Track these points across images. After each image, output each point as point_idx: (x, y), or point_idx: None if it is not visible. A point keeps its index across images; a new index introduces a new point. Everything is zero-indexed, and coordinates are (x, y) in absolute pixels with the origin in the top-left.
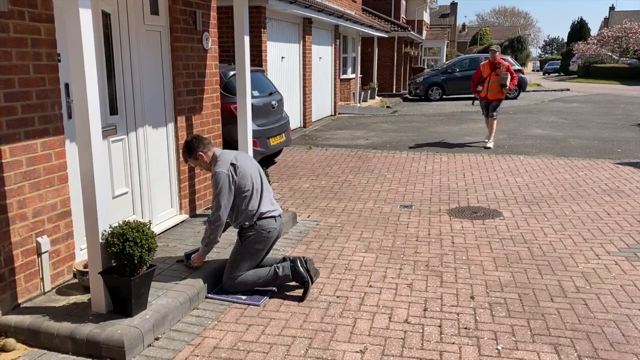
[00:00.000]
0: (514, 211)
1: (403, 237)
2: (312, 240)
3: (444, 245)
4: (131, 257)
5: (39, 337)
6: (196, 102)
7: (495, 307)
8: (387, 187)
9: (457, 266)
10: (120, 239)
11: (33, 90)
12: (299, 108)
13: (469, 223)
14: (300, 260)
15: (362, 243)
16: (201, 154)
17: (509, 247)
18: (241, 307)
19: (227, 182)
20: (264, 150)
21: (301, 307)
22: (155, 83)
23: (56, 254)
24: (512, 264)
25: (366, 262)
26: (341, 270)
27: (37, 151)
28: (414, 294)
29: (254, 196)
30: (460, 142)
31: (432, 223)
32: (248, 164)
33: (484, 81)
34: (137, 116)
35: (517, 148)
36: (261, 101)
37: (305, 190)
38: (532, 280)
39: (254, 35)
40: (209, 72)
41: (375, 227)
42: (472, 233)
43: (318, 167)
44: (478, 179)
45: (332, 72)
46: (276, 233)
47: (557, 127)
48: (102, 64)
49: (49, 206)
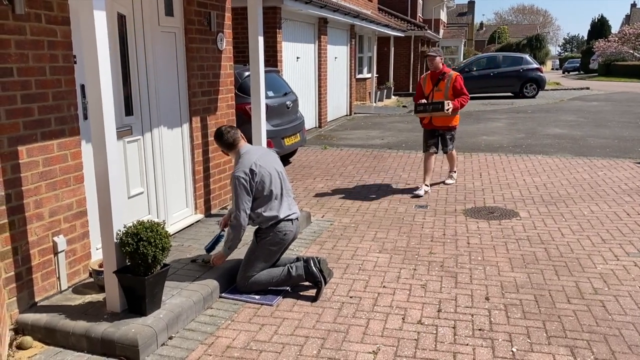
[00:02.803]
0: (531, 211)
1: (418, 237)
2: (326, 240)
3: (459, 245)
4: (145, 257)
5: (55, 335)
6: (211, 103)
7: (510, 309)
8: (402, 187)
9: (473, 267)
10: (134, 239)
11: (49, 92)
12: (314, 108)
13: (485, 223)
14: (314, 260)
15: (376, 243)
16: (224, 150)
17: (526, 248)
18: (254, 307)
19: (245, 187)
20: (278, 150)
21: (314, 307)
22: (170, 84)
23: (72, 253)
24: (528, 264)
25: (380, 262)
26: (355, 270)
27: (54, 152)
28: (428, 295)
29: (273, 201)
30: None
31: (448, 223)
32: (269, 167)
33: (426, 99)
34: (153, 117)
35: (535, 147)
36: (276, 101)
37: (320, 190)
38: (549, 281)
39: (269, 36)
40: (224, 72)
41: (390, 227)
42: (488, 233)
43: (333, 167)
44: (495, 179)
45: (348, 71)
46: (292, 235)
47: (576, 126)
48: (118, 65)
49: (65, 206)
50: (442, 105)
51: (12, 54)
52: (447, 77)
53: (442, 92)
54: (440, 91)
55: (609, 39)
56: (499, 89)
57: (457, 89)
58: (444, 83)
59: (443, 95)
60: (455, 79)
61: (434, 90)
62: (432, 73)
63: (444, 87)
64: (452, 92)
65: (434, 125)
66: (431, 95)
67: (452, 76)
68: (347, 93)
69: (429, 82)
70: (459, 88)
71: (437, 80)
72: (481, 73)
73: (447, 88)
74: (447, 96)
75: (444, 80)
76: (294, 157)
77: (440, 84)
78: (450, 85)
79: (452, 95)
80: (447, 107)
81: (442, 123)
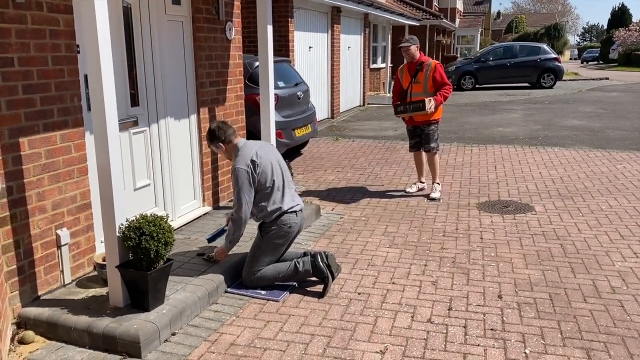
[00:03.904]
0: (546, 205)
1: (429, 232)
2: (335, 234)
3: (472, 241)
4: (147, 252)
5: (57, 330)
6: (219, 93)
7: (524, 308)
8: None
9: (485, 263)
10: (136, 233)
11: (52, 82)
12: (326, 98)
13: (499, 218)
14: (321, 255)
15: (387, 238)
16: (221, 144)
17: (541, 244)
18: (260, 303)
19: (247, 179)
20: (289, 141)
21: (321, 304)
22: (177, 74)
23: (76, 247)
24: (543, 261)
25: (390, 257)
26: (364, 265)
27: (57, 143)
28: (438, 292)
29: (275, 193)
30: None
31: (461, 217)
32: (269, 158)
33: (405, 94)
34: (159, 108)
35: (552, 140)
36: (287, 92)
37: (331, 182)
38: (565, 279)
39: (281, 25)
40: (233, 62)
41: (401, 221)
42: (502, 228)
43: (344, 159)
44: (510, 172)
45: (362, 61)
46: (297, 228)
47: (594, 117)
48: (123, 55)
49: (69, 198)
50: (422, 104)
51: (12, 44)
52: (425, 67)
53: (421, 84)
54: (419, 83)
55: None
56: (516, 79)
57: (437, 80)
58: (423, 74)
59: (422, 88)
60: (434, 68)
61: (412, 83)
62: (410, 64)
63: (423, 79)
64: (431, 83)
65: (415, 122)
66: (410, 88)
67: (431, 65)
68: (360, 83)
69: (407, 74)
70: (439, 79)
71: (415, 71)
72: (497, 63)
73: (426, 79)
74: (427, 88)
75: (423, 71)
76: (305, 149)
77: (419, 75)
78: (430, 75)
79: (432, 88)
80: (429, 106)
81: (422, 118)
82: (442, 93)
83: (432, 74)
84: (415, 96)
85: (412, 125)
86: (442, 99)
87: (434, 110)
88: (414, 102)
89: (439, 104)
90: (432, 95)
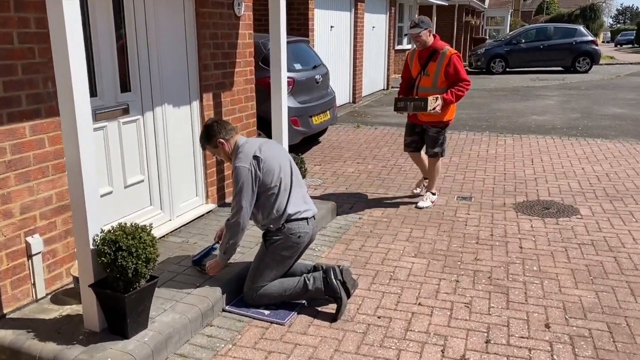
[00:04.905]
0: (593, 208)
1: (460, 237)
2: (353, 238)
3: (510, 250)
4: (124, 270)
5: (20, 358)
6: (226, 77)
7: (577, 342)
8: (443, 174)
9: (527, 280)
10: (111, 248)
11: (18, 64)
12: (348, 82)
13: (539, 222)
14: (334, 270)
15: (412, 244)
16: (222, 141)
17: (591, 256)
18: (262, 326)
19: (250, 179)
20: (305, 130)
21: (333, 330)
22: (177, 55)
23: (52, 255)
24: (595, 279)
25: (415, 269)
26: (385, 279)
27: (26, 136)
28: (473, 318)
29: (282, 195)
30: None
31: (496, 220)
32: (275, 155)
33: (412, 86)
34: (155, 93)
35: (593, 130)
36: (304, 75)
37: (350, 176)
38: (624, 304)
39: (300, 2)
40: (242, 42)
41: (428, 224)
42: (543, 235)
43: (365, 149)
44: (549, 167)
45: (386, 42)
46: (308, 238)
47: (637, 105)
48: (111, 32)
49: (42, 200)
50: (424, 104)
51: None
52: (439, 57)
53: (431, 78)
54: (428, 77)
55: None
56: (549, 62)
57: (451, 74)
58: (434, 66)
59: (431, 82)
60: (449, 59)
61: (421, 74)
62: (420, 52)
63: (434, 72)
64: (444, 78)
65: (418, 120)
66: (418, 80)
67: (445, 55)
68: (384, 65)
69: (417, 63)
70: (453, 74)
71: (426, 59)
72: (530, 45)
73: (437, 73)
74: (437, 84)
75: (435, 61)
76: (324, 137)
77: (429, 66)
78: (442, 68)
79: (444, 83)
80: (433, 106)
81: (428, 118)
82: (456, 91)
83: (445, 67)
84: (421, 91)
85: (414, 122)
86: (453, 97)
87: (439, 111)
88: (416, 98)
89: (449, 103)
90: (443, 92)
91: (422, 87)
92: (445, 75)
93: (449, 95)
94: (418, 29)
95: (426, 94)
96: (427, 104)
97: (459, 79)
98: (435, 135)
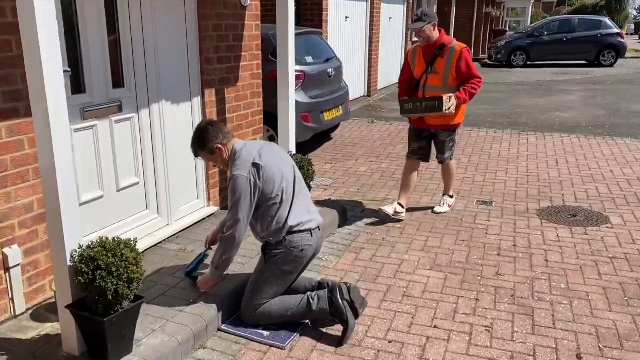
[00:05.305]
0: (624, 216)
1: (481, 248)
2: (363, 247)
3: (535, 264)
4: (103, 292)
5: None
6: (230, 72)
7: None
8: (462, 175)
9: (554, 300)
10: (89, 266)
11: None
12: (363, 75)
13: (566, 231)
14: (341, 289)
15: (427, 255)
16: (220, 146)
17: (624, 273)
18: (261, 349)
19: (249, 189)
20: (316, 126)
21: (339, 356)
22: (176, 47)
23: (33, 267)
24: (631, 300)
25: (431, 285)
26: (397, 296)
27: (2, 138)
28: (495, 344)
29: (283, 205)
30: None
31: (518, 229)
32: (276, 162)
33: (416, 87)
34: (151, 89)
35: (621, 128)
36: (315, 69)
37: (362, 175)
38: None
39: None
40: (248, 34)
41: (445, 231)
42: (571, 247)
43: (380, 146)
44: (575, 169)
45: (403, 34)
46: (312, 251)
47: None
48: (101, 21)
49: (22, 207)
50: (439, 104)
51: None
52: (447, 53)
53: (440, 75)
54: (438, 74)
55: None
56: (572, 56)
57: (463, 71)
58: (443, 62)
59: (441, 81)
60: (460, 54)
61: (428, 72)
62: (425, 47)
63: (443, 69)
64: (454, 75)
65: (426, 125)
66: (424, 79)
67: (455, 50)
68: (401, 58)
69: (420, 60)
70: (464, 70)
71: (432, 57)
72: (552, 38)
73: (447, 70)
74: (448, 82)
75: (444, 57)
76: (336, 132)
77: (438, 63)
78: (453, 64)
79: (455, 81)
80: (449, 106)
81: (439, 121)
82: (469, 89)
83: (455, 63)
84: (430, 91)
85: (421, 126)
86: (467, 96)
87: (453, 111)
88: (428, 99)
89: (462, 103)
90: (454, 91)
91: (430, 87)
92: (456, 72)
93: (462, 93)
94: (421, 23)
95: (436, 94)
96: (443, 103)
97: (471, 75)
98: (447, 140)
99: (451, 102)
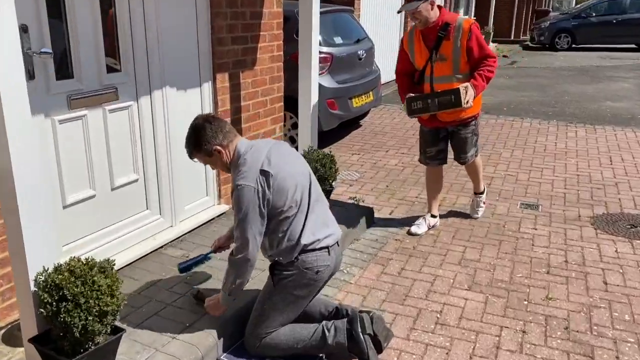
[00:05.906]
0: None
1: (527, 263)
2: (391, 257)
3: (592, 285)
4: (69, 328)
5: None
6: (247, 54)
7: None
8: (503, 172)
9: (618, 336)
10: (53, 296)
11: None
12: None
13: (626, 245)
14: (362, 320)
15: (465, 270)
16: (219, 148)
17: None
18: None
19: (257, 201)
20: (343, 113)
21: None
22: (182, 26)
23: (7, 280)
24: None
25: (469, 310)
26: (429, 323)
27: None
28: None
29: (297, 218)
30: (601, 109)
31: (570, 240)
32: (288, 168)
33: (420, 80)
34: (153, 74)
35: None
36: (344, 50)
37: (392, 169)
38: None
39: None
40: (268, 11)
41: (485, 241)
42: (633, 266)
43: (412, 135)
44: (632, 168)
45: None
46: (329, 272)
47: None
48: None
49: None
50: (456, 97)
51: None
52: (454, 33)
53: (449, 61)
54: (446, 61)
55: None
56: (622, 39)
57: (475, 52)
58: (450, 44)
59: (451, 68)
60: (469, 32)
61: (433, 60)
62: (424, 30)
63: (451, 52)
64: (466, 58)
65: (440, 122)
66: (429, 69)
67: (462, 28)
68: None
69: (421, 47)
70: (476, 51)
71: (436, 40)
72: (601, 20)
73: (456, 53)
74: (459, 68)
75: (450, 39)
76: (365, 119)
77: (444, 47)
78: (463, 45)
79: (466, 65)
80: (467, 98)
81: (454, 116)
82: (484, 73)
83: (465, 43)
84: (440, 82)
85: (433, 126)
86: (484, 82)
87: (472, 103)
88: (441, 93)
89: (480, 91)
90: (467, 78)
91: (439, 78)
92: (468, 55)
93: (479, 80)
94: (415, 3)
95: (448, 86)
96: (460, 95)
97: (484, 55)
98: (468, 136)
99: (468, 93)
